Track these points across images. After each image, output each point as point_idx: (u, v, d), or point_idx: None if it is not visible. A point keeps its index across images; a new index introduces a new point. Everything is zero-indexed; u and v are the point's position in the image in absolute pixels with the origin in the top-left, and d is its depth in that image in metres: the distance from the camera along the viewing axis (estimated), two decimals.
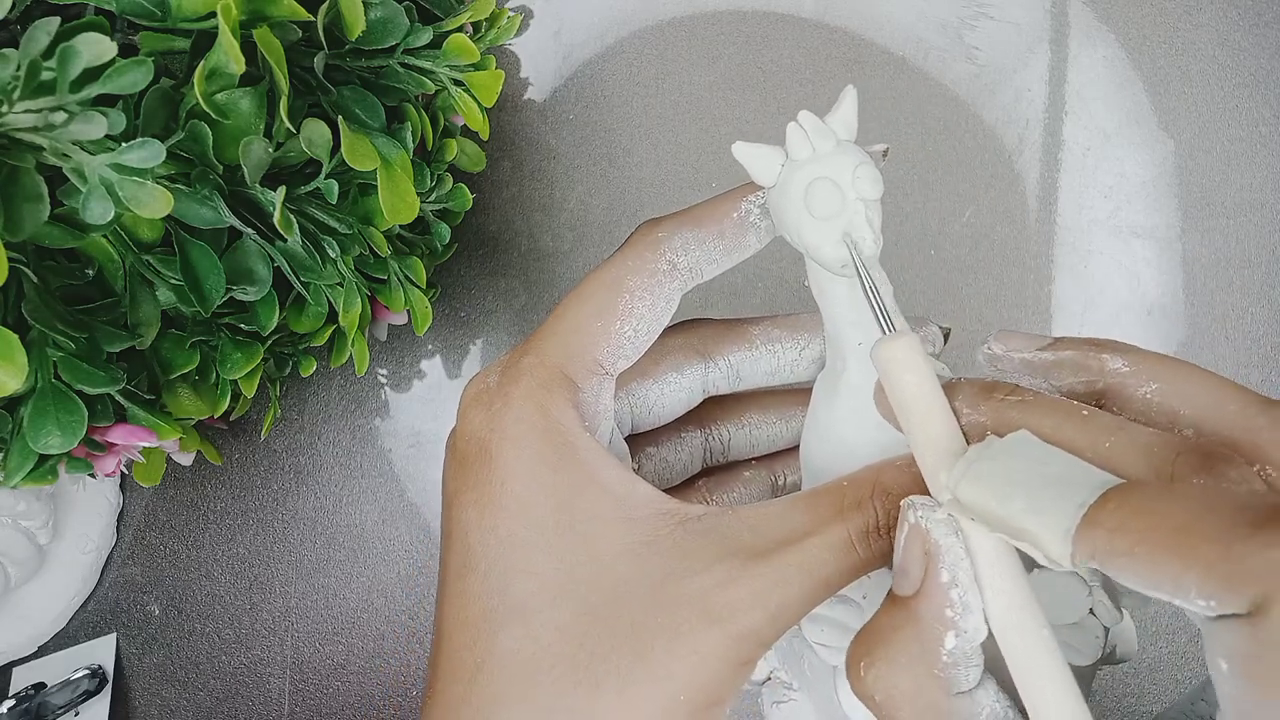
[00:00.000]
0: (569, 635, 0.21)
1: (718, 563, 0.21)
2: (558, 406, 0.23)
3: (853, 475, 0.23)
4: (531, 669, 0.21)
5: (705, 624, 0.21)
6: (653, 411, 0.27)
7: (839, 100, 0.23)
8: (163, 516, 0.45)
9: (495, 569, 0.22)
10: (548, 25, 0.44)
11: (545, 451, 0.23)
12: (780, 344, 0.27)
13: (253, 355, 0.32)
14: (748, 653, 0.21)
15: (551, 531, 0.22)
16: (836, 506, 0.22)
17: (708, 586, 0.21)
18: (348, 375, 0.44)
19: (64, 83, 0.22)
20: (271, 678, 0.43)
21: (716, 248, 0.25)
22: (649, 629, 0.21)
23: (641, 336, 0.24)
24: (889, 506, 0.21)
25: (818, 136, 0.23)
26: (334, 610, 0.43)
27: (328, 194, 0.29)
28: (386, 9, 0.29)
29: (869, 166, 0.23)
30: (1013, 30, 0.42)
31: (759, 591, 0.21)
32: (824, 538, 0.21)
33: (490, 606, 0.22)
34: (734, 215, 0.25)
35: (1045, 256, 0.41)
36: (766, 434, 0.29)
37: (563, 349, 0.24)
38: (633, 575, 0.22)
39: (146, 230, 0.27)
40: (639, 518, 0.22)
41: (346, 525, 0.44)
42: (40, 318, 0.25)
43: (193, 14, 0.24)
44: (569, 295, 0.24)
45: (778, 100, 0.43)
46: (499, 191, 0.44)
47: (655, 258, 0.24)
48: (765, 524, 0.22)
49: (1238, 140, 0.40)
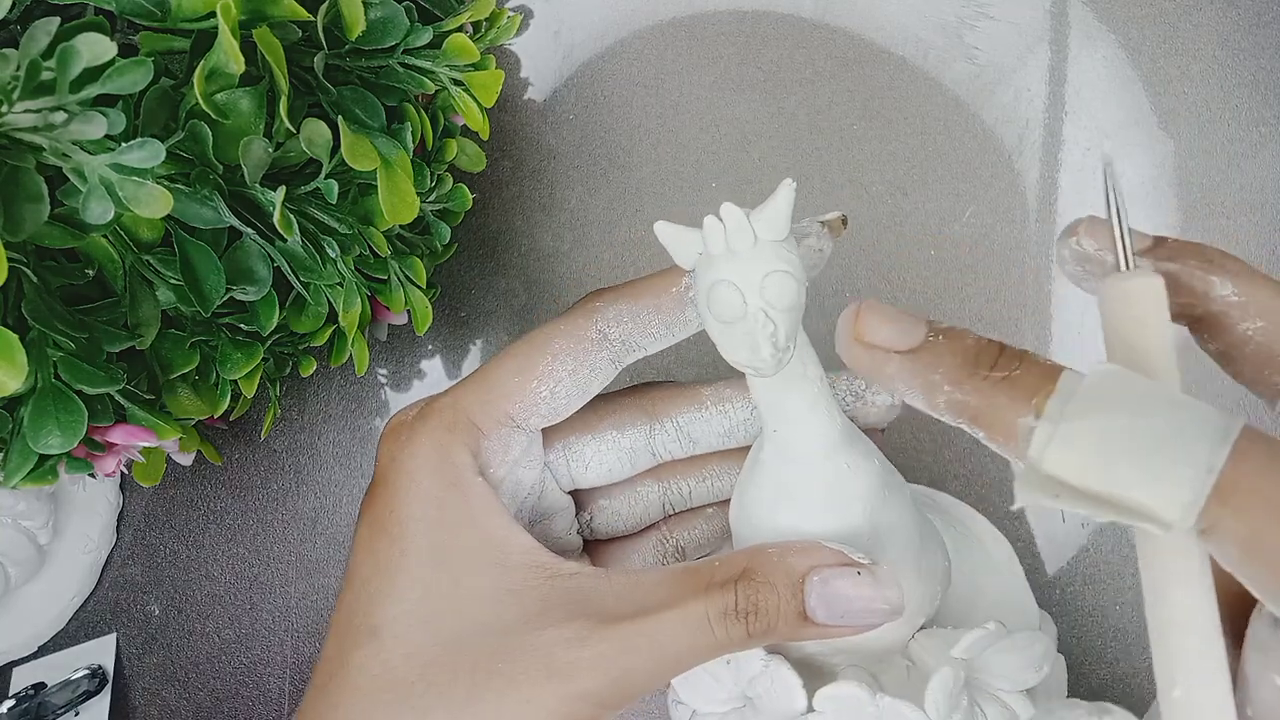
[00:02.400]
0: (413, 663, 0.22)
1: (571, 620, 0.22)
2: (456, 449, 0.24)
3: (728, 555, 0.23)
4: (370, 688, 0.22)
5: (543, 677, 0.21)
6: (590, 467, 0.27)
7: (773, 195, 0.21)
8: (163, 516, 0.45)
9: (366, 588, 0.23)
10: (548, 25, 0.45)
11: (434, 488, 0.24)
12: (731, 404, 0.27)
13: (253, 355, 0.32)
14: (583, 713, 0.21)
15: (425, 563, 0.23)
16: (702, 584, 0.22)
17: (555, 641, 0.21)
18: (348, 375, 0.44)
19: (64, 83, 0.22)
20: (271, 678, 0.43)
21: (652, 322, 0.25)
22: (489, 672, 0.21)
23: (559, 398, 0.25)
24: (750, 592, 0.21)
25: (735, 235, 0.21)
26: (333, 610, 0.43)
27: (328, 194, 0.29)
28: (386, 9, 0.29)
29: (783, 276, 0.21)
30: (1012, 30, 0.42)
31: (604, 654, 0.21)
32: (680, 612, 0.21)
33: (354, 624, 0.23)
34: (672, 290, 0.25)
35: (1045, 256, 0.41)
36: (729, 483, 0.28)
37: (476, 397, 0.25)
38: (489, 619, 0.22)
39: (146, 230, 0.27)
40: (510, 565, 0.23)
41: (346, 525, 0.44)
42: (40, 318, 0.25)
43: (192, 14, 0.24)
44: (503, 349, 0.25)
45: (778, 100, 0.43)
46: (499, 191, 0.44)
47: (586, 325, 0.25)
48: (631, 591, 0.22)
49: (1238, 140, 0.41)
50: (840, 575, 0.22)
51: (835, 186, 0.42)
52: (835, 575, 0.22)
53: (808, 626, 0.22)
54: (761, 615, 0.21)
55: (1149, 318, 0.17)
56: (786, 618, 0.21)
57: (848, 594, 0.22)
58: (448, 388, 0.25)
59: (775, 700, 0.23)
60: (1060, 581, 0.39)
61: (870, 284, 0.42)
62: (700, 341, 0.26)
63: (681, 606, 0.21)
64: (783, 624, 0.22)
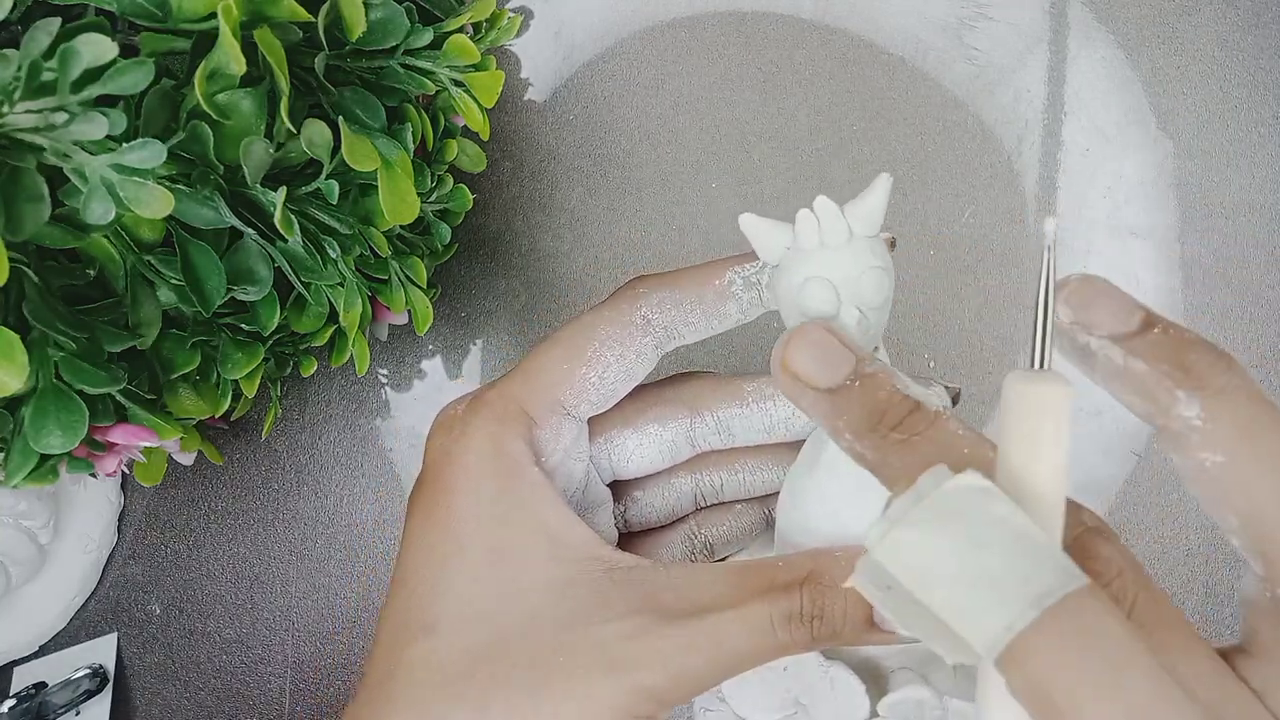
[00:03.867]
0: (472, 657, 0.22)
1: (631, 615, 0.21)
2: (510, 439, 0.24)
3: (790, 557, 0.22)
4: (429, 683, 0.22)
5: (603, 671, 0.21)
6: (631, 460, 0.27)
7: (869, 188, 0.21)
8: (164, 516, 0.45)
9: (423, 584, 0.23)
10: (548, 26, 0.45)
11: (489, 481, 0.23)
12: (773, 401, 0.27)
13: (253, 355, 0.32)
14: (642, 708, 0.21)
15: (480, 556, 0.23)
16: (765, 585, 0.22)
17: (615, 635, 0.21)
18: (348, 375, 0.44)
19: (65, 83, 0.22)
20: (271, 677, 0.43)
21: (694, 312, 0.25)
22: (548, 665, 0.21)
23: (608, 384, 0.25)
24: (816, 596, 0.21)
25: (830, 229, 0.21)
26: (334, 610, 0.44)
27: (328, 194, 0.29)
28: (387, 10, 0.29)
29: (879, 272, 0.21)
30: (1012, 31, 0.42)
31: (664, 651, 0.21)
32: (743, 613, 0.21)
33: (410, 619, 0.23)
34: (715, 284, 0.25)
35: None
36: (762, 479, 0.28)
37: (526, 387, 0.25)
38: (547, 611, 0.22)
39: (147, 230, 0.27)
40: (567, 558, 0.23)
41: (346, 525, 0.44)
42: (41, 318, 0.25)
43: (193, 15, 0.24)
44: (547, 337, 0.25)
45: (777, 100, 0.43)
46: (499, 192, 0.44)
47: (630, 311, 0.25)
48: (690, 587, 0.22)
49: (1237, 140, 0.41)
50: None
51: (835, 186, 0.42)
52: None
53: (874, 633, 0.21)
54: (827, 620, 0.21)
55: (1043, 431, 0.15)
56: (853, 623, 0.21)
57: None
58: (494, 380, 0.25)
59: (835, 705, 0.23)
60: None
61: None
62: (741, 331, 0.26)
63: (744, 607, 0.21)
64: (849, 629, 0.21)
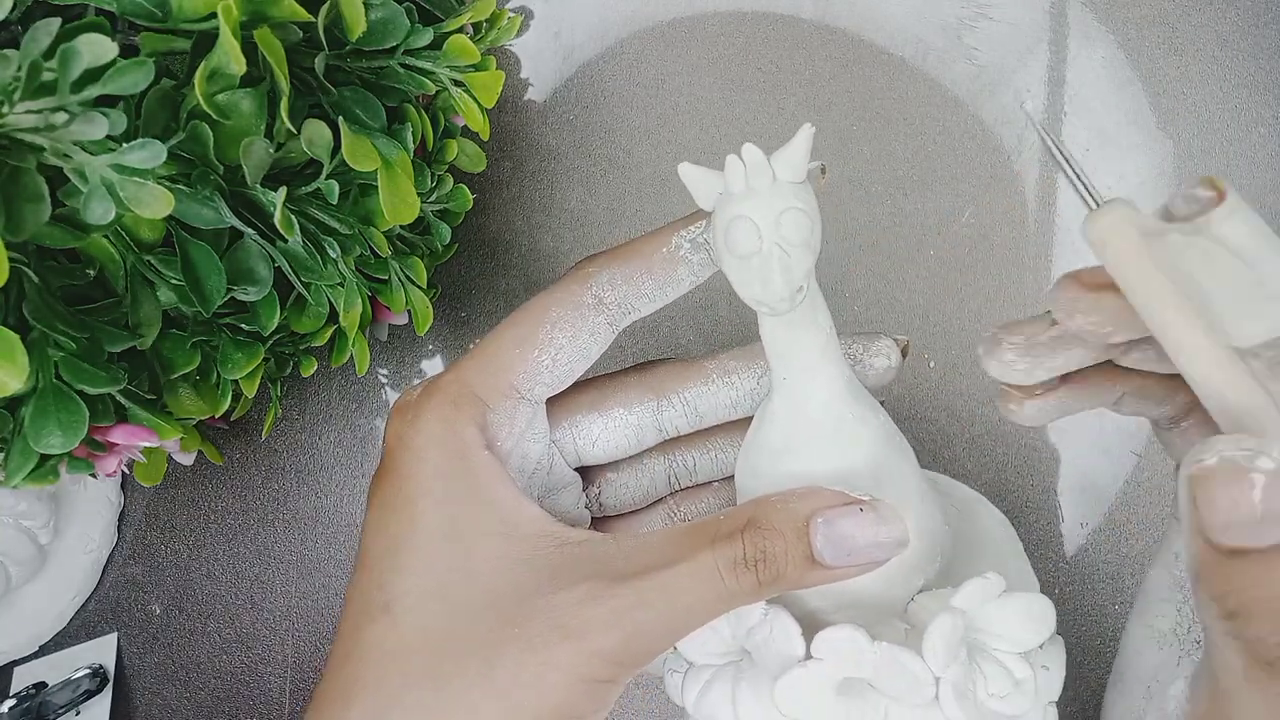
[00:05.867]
0: (428, 635, 0.22)
1: (582, 582, 0.22)
2: (462, 423, 0.24)
3: (733, 509, 0.23)
4: (387, 661, 0.22)
5: (558, 638, 0.21)
6: (597, 444, 0.27)
7: (794, 137, 0.22)
8: (164, 516, 0.45)
9: (379, 566, 0.23)
10: (548, 26, 0.45)
11: (442, 463, 0.24)
12: (736, 375, 0.28)
13: (254, 355, 0.32)
14: (600, 671, 0.21)
15: (435, 537, 0.23)
16: (709, 536, 0.22)
17: (568, 603, 0.22)
18: (348, 375, 0.44)
19: (65, 83, 0.22)
20: (272, 677, 0.43)
21: (645, 283, 0.25)
22: (504, 638, 0.22)
23: (561, 365, 0.25)
24: (757, 539, 0.22)
25: (755, 173, 0.22)
26: (334, 610, 0.43)
27: (328, 194, 0.29)
28: (387, 10, 0.29)
29: (798, 213, 0.22)
30: (1012, 31, 0.42)
31: (617, 611, 0.21)
32: (689, 565, 0.22)
33: (369, 602, 0.23)
34: (663, 251, 0.25)
35: (1045, 256, 0.41)
36: (733, 457, 0.29)
37: (479, 371, 0.25)
38: (502, 588, 0.22)
39: (147, 231, 0.27)
40: (520, 535, 0.23)
41: (347, 525, 0.44)
42: (41, 318, 0.25)
43: (194, 15, 0.24)
44: (501, 322, 0.26)
45: (778, 100, 0.43)
46: (499, 192, 0.44)
47: (581, 291, 0.25)
48: (640, 551, 0.22)
49: (1237, 140, 0.41)
50: (844, 515, 0.22)
51: (835, 186, 0.42)
52: (839, 515, 0.22)
53: (816, 570, 0.22)
54: (770, 562, 0.22)
55: (1123, 245, 0.18)
56: (795, 562, 0.22)
57: (852, 532, 0.22)
58: (449, 364, 0.25)
59: (774, 647, 0.23)
60: (1059, 581, 0.39)
61: (869, 284, 0.42)
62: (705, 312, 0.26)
63: (691, 560, 0.22)
64: (791, 569, 0.22)
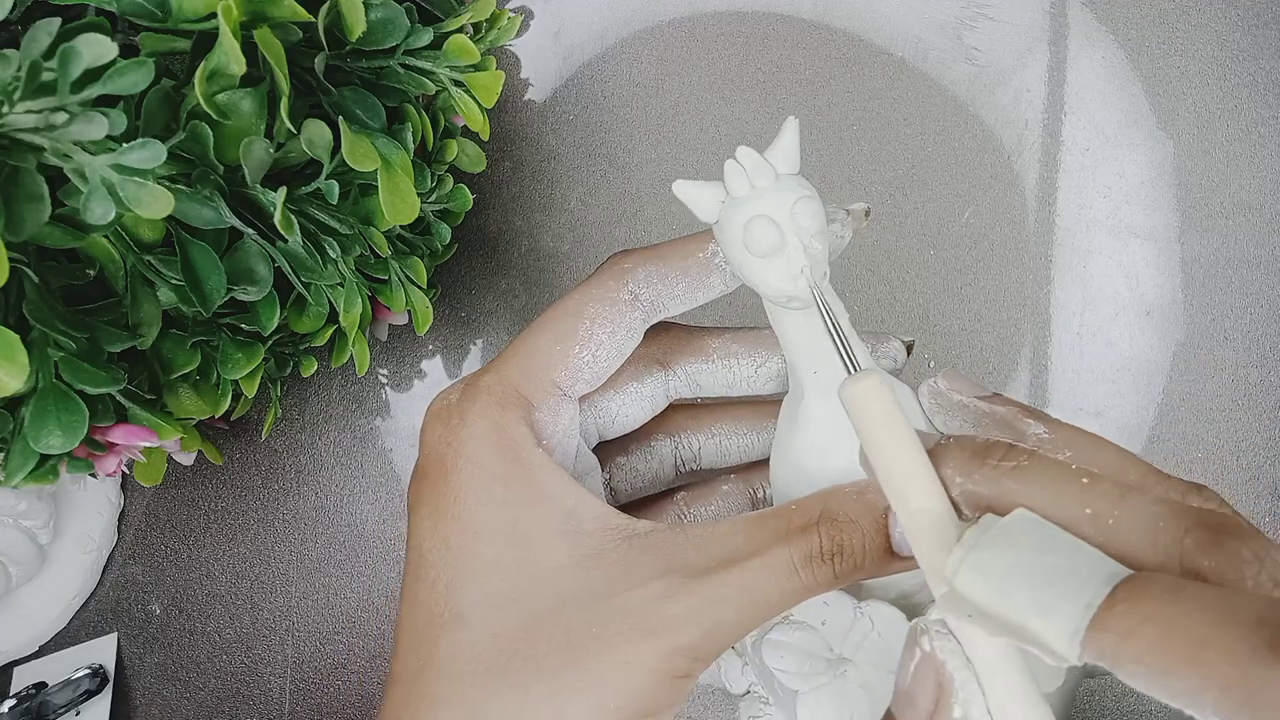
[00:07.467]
0: (505, 641, 0.22)
1: (657, 578, 0.22)
2: (512, 424, 0.24)
3: (801, 500, 0.23)
4: (466, 672, 0.22)
5: (638, 636, 0.21)
6: (616, 420, 0.28)
7: (780, 133, 0.23)
8: (163, 516, 0.45)
9: (443, 577, 0.23)
10: (548, 26, 0.45)
11: (497, 466, 0.23)
12: (736, 359, 0.28)
13: (254, 355, 0.32)
14: (681, 667, 0.21)
15: (499, 543, 0.23)
16: (782, 530, 0.22)
17: (645, 600, 0.21)
18: (348, 375, 0.44)
19: (65, 83, 0.22)
20: (271, 677, 0.43)
21: (679, 285, 0.25)
22: (583, 639, 0.21)
23: (600, 362, 0.25)
24: (833, 532, 0.22)
25: (756, 173, 0.22)
26: (334, 610, 0.44)
27: (328, 194, 0.29)
28: (387, 10, 0.29)
29: (809, 200, 0.22)
30: (1012, 31, 0.42)
31: (695, 608, 0.21)
32: (765, 560, 0.21)
33: (436, 613, 0.23)
34: (699, 255, 0.25)
35: (1044, 256, 0.41)
36: (737, 445, 0.29)
37: (521, 370, 0.25)
38: (574, 587, 0.22)
39: (147, 231, 0.27)
40: (585, 531, 0.23)
41: (346, 525, 0.44)
42: (41, 318, 0.25)
43: (194, 15, 0.24)
44: (536, 319, 0.25)
45: (778, 100, 0.43)
46: (499, 192, 0.44)
47: (618, 288, 0.25)
48: (710, 543, 0.22)
49: (1237, 140, 0.41)
50: None
51: (835, 186, 0.42)
52: None
53: (894, 561, 0.22)
54: (848, 555, 0.21)
55: (882, 414, 0.19)
56: (873, 554, 0.21)
57: None
58: (485, 365, 0.25)
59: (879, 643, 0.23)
60: None
61: (870, 284, 0.42)
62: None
63: (765, 554, 0.21)
64: (869, 561, 0.22)
